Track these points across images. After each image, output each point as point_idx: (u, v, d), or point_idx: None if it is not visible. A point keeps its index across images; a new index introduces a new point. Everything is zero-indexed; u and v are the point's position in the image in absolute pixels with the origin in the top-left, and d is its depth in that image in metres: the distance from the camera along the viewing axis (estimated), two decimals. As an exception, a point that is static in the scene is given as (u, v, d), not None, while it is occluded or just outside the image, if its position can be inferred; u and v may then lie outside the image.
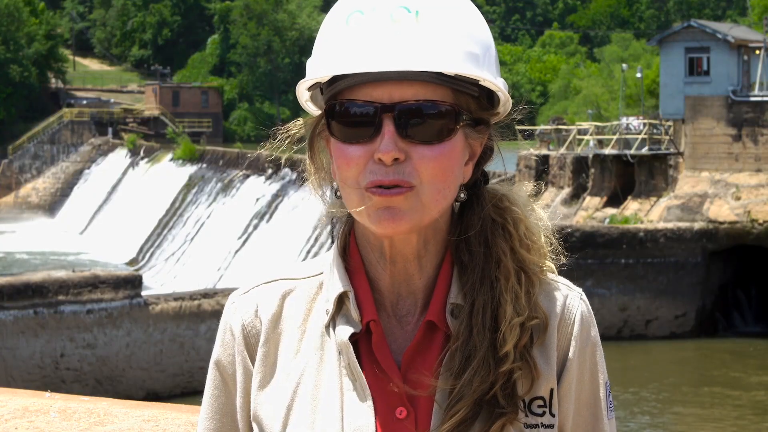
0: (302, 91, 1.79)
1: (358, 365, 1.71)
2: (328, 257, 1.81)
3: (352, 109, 1.69)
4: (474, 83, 1.70)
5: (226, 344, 1.81)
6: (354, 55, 1.67)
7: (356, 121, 1.68)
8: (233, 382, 1.80)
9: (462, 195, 1.76)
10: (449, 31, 1.68)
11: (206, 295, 26.26)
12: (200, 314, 25.53)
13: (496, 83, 1.72)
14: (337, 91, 1.71)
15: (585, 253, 29.63)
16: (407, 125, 1.67)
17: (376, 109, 1.67)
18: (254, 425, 1.77)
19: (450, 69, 1.66)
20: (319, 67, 1.71)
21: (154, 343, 25.27)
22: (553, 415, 1.73)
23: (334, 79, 1.71)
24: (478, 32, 1.72)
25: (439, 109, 1.68)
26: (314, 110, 1.80)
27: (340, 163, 1.70)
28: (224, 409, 1.82)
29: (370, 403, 1.70)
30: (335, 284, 1.76)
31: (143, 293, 25.90)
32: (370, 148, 1.68)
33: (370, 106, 1.67)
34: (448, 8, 1.70)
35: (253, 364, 1.78)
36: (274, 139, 1.84)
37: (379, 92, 1.67)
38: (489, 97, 1.75)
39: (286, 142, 1.83)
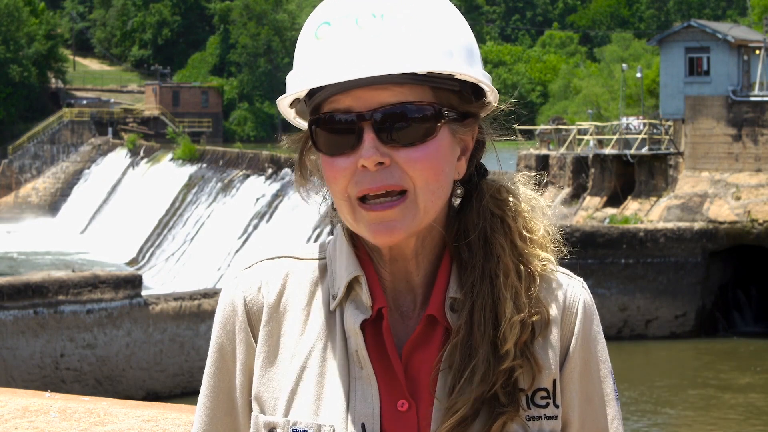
0: (286, 109, 1.79)
1: (366, 353, 1.71)
2: (331, 244, 1.80)
3: (331, 121, 1.68)
4: (451, 78, 1.69)
5: (226, 321, 1.79)
6: (323, 67, 1.66)
7: (337, 133, 1.68)
8: (233, 359, 1.78)
9: (458, 191, 1.75)
10: (416, 30, 1.66)
11: (206, 295, 26.24)
12: (200, 314, 25.53)
13: (473, 74, 1.70)
14: (316, 104, 1.70)
15: (585, 253, 29.63)
16: (387, 129, 1.66)
17: (354, 118, 1.66)
18: (254, 404, 1.75)
19: (420, 68, 1.65)
20: (294, 83, 1.72)
21: (154, 343, 25.27)
22: (557, 406, 1.73)
23: (312, 93, 1.71)
24: (449, 26, 1.70)
25: (417, 109, 1.67)
26: (304, 125, 1.79)
27: (329, 175, 1.70)
28: (220, 385, 1.79)
29: (376, 392, 1.70)
30: (346, 268, 1.75)
31: (143, 293, 25.89)
32: (353, 157, 1.67)
33: (348, 116, 1.67)
34: (414, 8, 1.68)
35: (255, 341, 1.76)
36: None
37: (354, 100, 1.67)
38: (476, 90, 1.74)
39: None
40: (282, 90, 1.76)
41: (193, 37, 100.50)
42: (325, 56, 1.67)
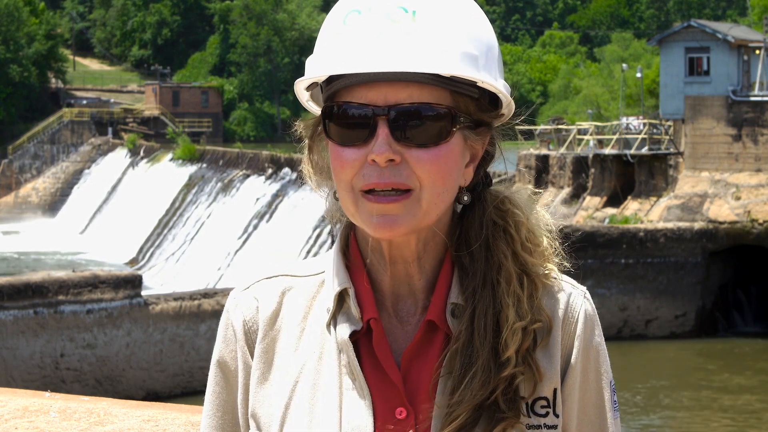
0: (301, 91, 1.77)
1: (357, 364, 1.70)
2: (330, 256, 1.79)
3: (348, 111, 1.67)
4: (472, 84, 1.68)
5: (228, 340, 1.79)
6: (348, 55, 1.65)
7: (351, 124, 1.67)
8: (235, 378, 1.79)
9: (465, 198, 1.74)
10: (446, 31, 1.66)
11: (206, 295, 26.23)
12: (200, 314, 25.53)
13: (496, 85, 1.70)
14: (333, 92, 1.70)
15: (585, 253, 29.63)
16: (402, 128, 1.65)
17: (371, 112, 1.65)
18: (251, 422, 1.76)
19: (445, 70, 1.64)
20: (315, 66, 1.70)
21: (154, 343, 25.26)
22: (557, 416, 1.72)
23: (331, 79, 1.70)
24: (478, 32, 1.70)
25: (434, 111, 1.66)
26: (316, 110, 1.79)
27: (336, 165, 1.69)
28: (226, 406, 1.80)
29: (368, 402, 1.69)
30: (336, 281, 1.75)
31: (143, 293, 25.88)
32: (364, 150, 1.66)
33: (365, 109, 1.66)
34: (446, 8, 1.67)
35: (253, 361, 1.77)
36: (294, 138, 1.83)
37: (374, 93, 1.66)
38: (492, 98, 1.73)
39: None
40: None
41: (193, 37, 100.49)
42: (350, 44, 1.66)
